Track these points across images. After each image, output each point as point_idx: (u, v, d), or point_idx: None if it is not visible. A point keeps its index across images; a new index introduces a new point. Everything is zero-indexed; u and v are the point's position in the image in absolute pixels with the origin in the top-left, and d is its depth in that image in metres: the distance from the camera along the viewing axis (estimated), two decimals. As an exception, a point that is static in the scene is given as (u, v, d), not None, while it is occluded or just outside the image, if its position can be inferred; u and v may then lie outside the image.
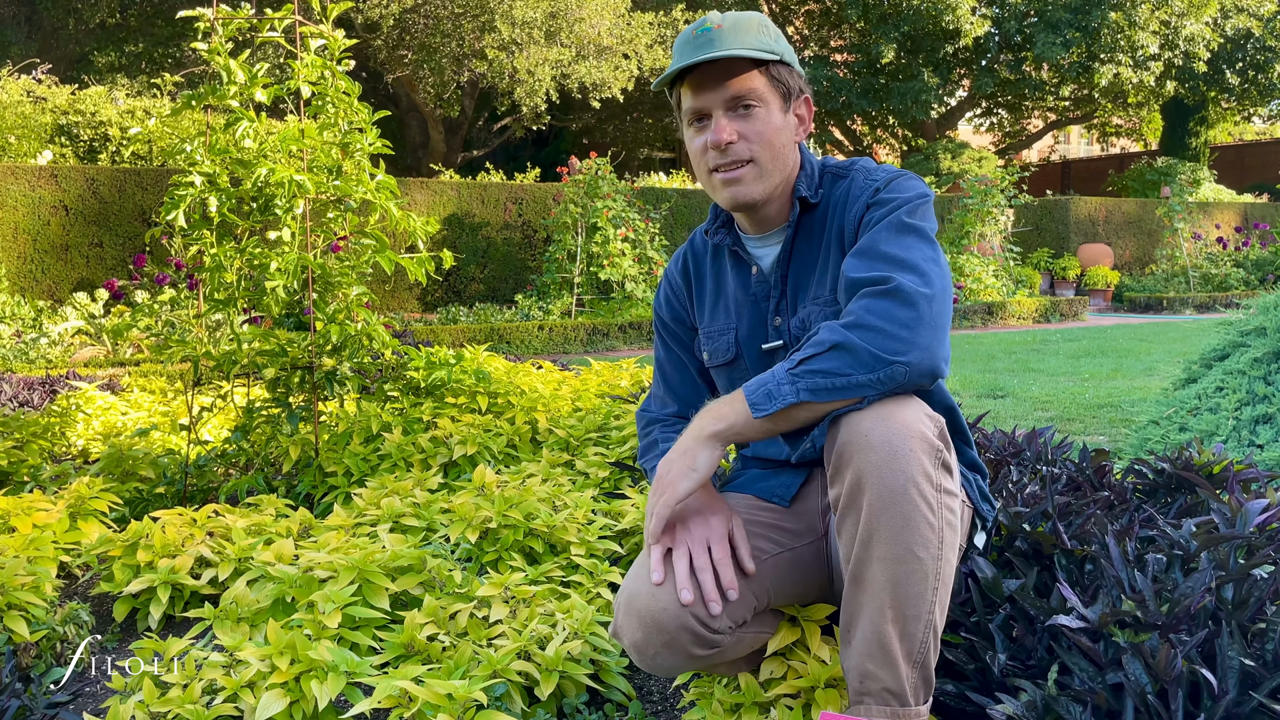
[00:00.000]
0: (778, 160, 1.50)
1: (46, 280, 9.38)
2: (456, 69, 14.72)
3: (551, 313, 9.84)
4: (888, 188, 1.48)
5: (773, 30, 1.51)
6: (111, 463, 2.88)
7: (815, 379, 1.29)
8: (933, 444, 1.31)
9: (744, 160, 1.49)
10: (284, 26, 2.83)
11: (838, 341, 1.29)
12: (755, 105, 1.47)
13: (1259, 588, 1.46)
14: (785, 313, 1.57)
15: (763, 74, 1.47)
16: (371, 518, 2.30)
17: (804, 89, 1.54)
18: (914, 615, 1.30)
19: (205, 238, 2.73)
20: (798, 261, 1.56)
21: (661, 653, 1.38)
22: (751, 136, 1.48)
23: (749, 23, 1.48)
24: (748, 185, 1.50)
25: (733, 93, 1.46)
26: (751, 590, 1.46)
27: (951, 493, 1.34)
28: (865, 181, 1.51)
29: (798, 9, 21.52)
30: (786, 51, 1.51)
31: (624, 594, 1.41)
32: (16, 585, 1.94)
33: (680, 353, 1.75)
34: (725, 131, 1.47)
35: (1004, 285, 12.10)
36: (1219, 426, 2.88)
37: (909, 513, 1.27)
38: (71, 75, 16.66)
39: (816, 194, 1.54)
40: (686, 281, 1.71)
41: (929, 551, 1.29)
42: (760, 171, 1.50)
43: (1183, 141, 22.37)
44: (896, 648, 1.30)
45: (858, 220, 1.48)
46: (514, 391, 3.37)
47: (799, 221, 1.55)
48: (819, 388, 1.28)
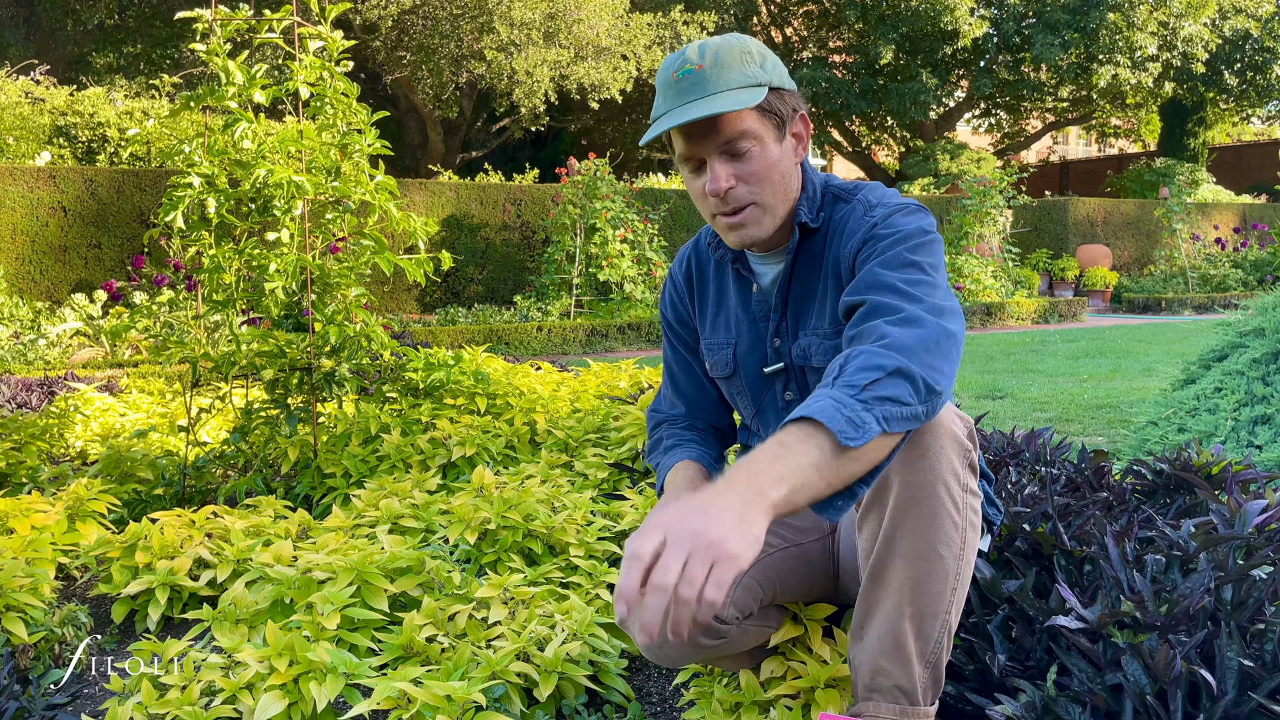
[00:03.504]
0: (780, 194, 1.45)
1: (45, 281, 9.37)
2: (455, 70, 14.72)
3: (550, 314, 9.83)
4: (885, 222, 1.41)
5: (756, 52, 1.42)
6: (110, 464, 2.88)
7: (889, 406, 1.15)
8: (962, 443, 1.31)
9: (745, 204, 1.43)
10: (282, 28, 2.83)
11: (899, 367, 1.17)
12: (750, 145, 1.40)
13: (1258, 588, 1.46)
14: (785, 335, 1.54)
15: (753, 110, 1.40)
16: (370, 519, 2.30)
17: (798, 106, 1.47)
18: (932, 614, 1.30)
19: (204, 239, 2.72)
20: (798, 285, 1.52)
21: (668, 642, 1.37)
22: (750, 178, 1.42)
23: (730, 55, 1.39)
24: (752, 227, 1.45)
25: (724, 138, 1.39)
26: (758, 583, 1.46)
27: (976, 493, 1.33)
28: (864, 215, 1.45)
29: (796, 10, 21.54)
30: (774, 72, 1.43)
31: None
32: (15, 587, 1.94)
33: (686, 355, 1.72)
34: (722, 179, 1.41)
35: (1002, 286, 12.11)
36: (1217, 427, 2.88)
37: (936, 510, 1.27)
38: (70, 76, 16.65)
39: (817, 217, 1.50)
40: (689, 285, 1.68)
41: (951, 551, 1.29)
42: (764, 210, 1.45)
43: (1181, 142, 22.40)
44: (911, 646, 1.30)
45: (853, 256, 1.43)
46: (513, 393, 3.37)
47: (799, 246, 1.51)
48: (893, 416, 1.15)
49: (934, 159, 18.89)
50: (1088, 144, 36.31)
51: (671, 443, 1.67)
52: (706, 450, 1.65)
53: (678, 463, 1.59)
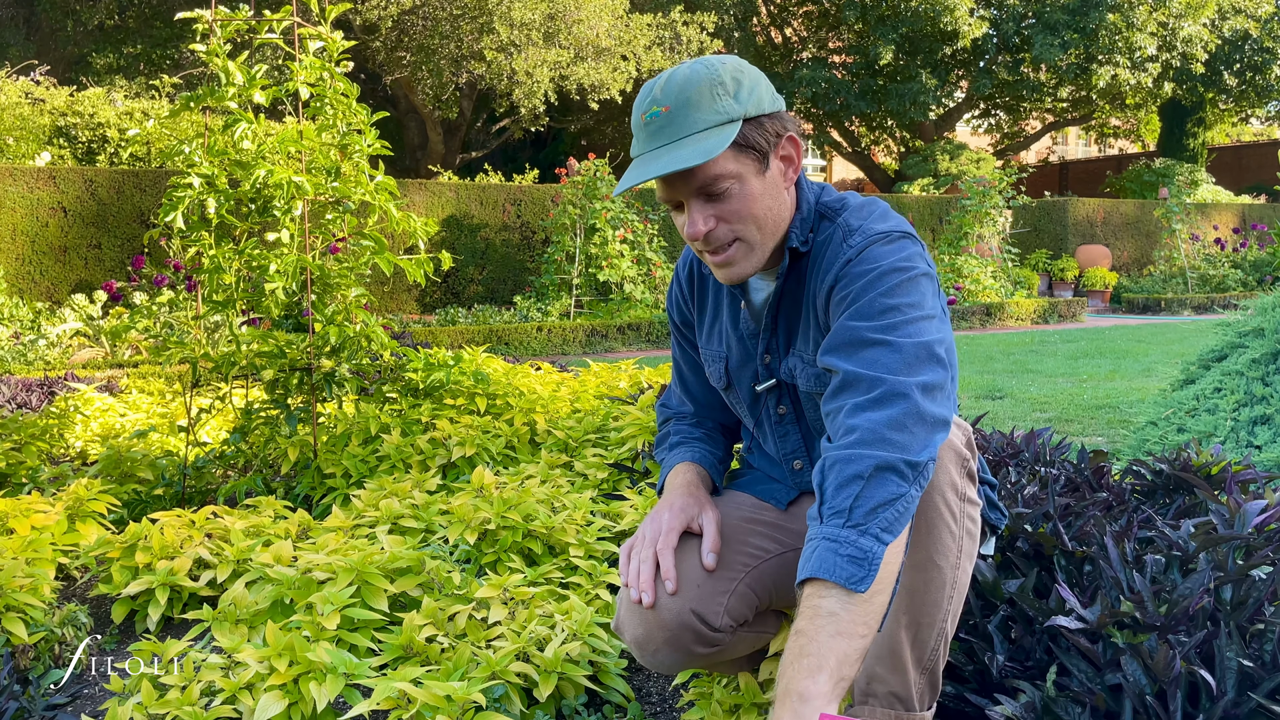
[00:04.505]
0: (767, 226, 1.38)
1: (45, 282, 9.37)
2: (455, 70, 14.72)
3: (550, 314, 9.83)
4: (860, 257, 1.33)
5: (730, 80, 1.32)
6: (110, 464, 2.88)
7: (883, 514, 1.13)
8: (961, 453, 1.30)
9: (729, 241, 1.37)
10: (282, 28, 2.83)
11: (877, 463, 1.15)
12: (728, 184, 1.33)
13: (1257, 588, 1.46)
14: (776, 352, 1.50)
15: (728, 149, 1.31)
16: (370, 519, 2.30)
17: (783, 129, 1.37)
18: (928, 623, 1.30)
19: (204, 239, 2.73)
20: (789, 303, 1.48)
21: (662, 649, 1.37)
22: (730, 217, 1.35)
23: (699, 92, 1.30)
24: (739, 264, 1.39)
25: (698, 183, 1.32)
26: (754, 590, 1.45)
27: (974, 501, 1.33)
28: (842, 243, 1.37)
29: (796, 10, 21.54)
30: (750, 100, 1.33)
31: (626, 591, 1.41)
32: (15, 587, 1.94)
33: (694, 354, 1.68)
34: (700, 223, 1.34)
35: (1002, 286, 12.12)
36: (1217, 427, 2.88)
37: (933, 520, 1.27)
38: (70, 77, 16.65)
39: (808, 241, 1.42)
40: (691, 288, 1.64)
41: (948, 560, 1.29)
42: (749, 246, 1.38)
43: (1180, 143, 22.39)
44: (907, 653, 1.30)
45: (827, 292, 1.37)
46: (512, 393, 3.37)
47: (789, 270, 1.45)
48: (891, 520, 1.14)
49: (933, 159, 18.89)
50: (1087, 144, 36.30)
51: (677, 439, 1.66)
52: (712, 449, 1.63)
53: (678, 464, 1.58)
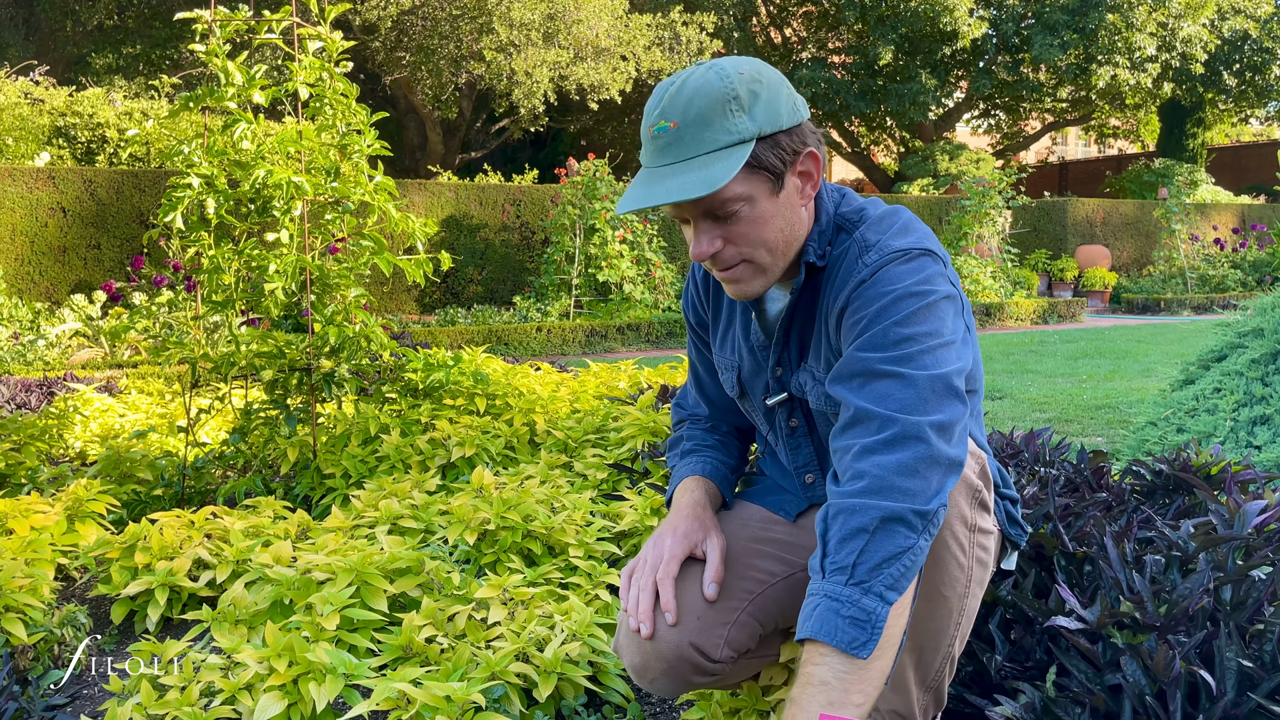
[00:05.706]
0: (778, 248, 1.32)
1: (44, 282, 9.37)
2: (454, 70, 14.72)
3: (550, 314, 9.84)
4: (875, 278, 1.27)
5: (745, 96, 1.25)
6: (109, 465, 2.88)
7: (887, 570, 1.11)
8: (972, 485, 1.29)
9: (736, 262, 1.32)
10: (282, 28, 2.83)
11: (884, 515, 1.12)
12: (738, 206, 1.27)
13: (1257, 589, 1.46)
14: (788, 365, 1.45)
15: (739, 172, 1.25)
16: (370, 519, 2.30)
17: (802, 144, 1.30)
18: (933, 649, 1.30)
19: (203, 239, 2.72)
20: (802, 317, 1.43)
21: (660, 679, 1.35)
22: (738, 239, 1.30)
23: (711, 108, 1.24)
24: (747, 283, 1.34)
25: (705, 206, 1.27)
26: (757, 619, 1.40)
27: (986, 531, 1.32)
28: (858, 259, 1.31)
29: (796, 10, 21.55)
30: (765, 116, 1.26)
31: (626, 617, 1.38)
32: (14, 587, 1.93)
33: (709, 355, 1.62)
34: (705, 244, 1.29)
35: (1001, 287, 12.12)
36: (1216, 428, 2.88)
37: (941, 555, 1.26)
38: (69, 77, 16.64)
39: (824, 255, 1.37)
40: (706, 290, 1.58)
41: (955, 591, 1.28)
42: (758, 267, 1.33)
43: (1180, 143, 22.40)
44: (911, 676, 1.30)
45: (839, 313, 1.32)
46: (512, 393, 3.37)
47: (804, 286, 1.39)
48: (897, 576, 1.11)
49: (933, 159, 18.89)
50: (1087, 144, 36.30)
51: (690, 446, 1.61)
52: (724, 458, 1.59)
53: (687, 478, 1.54)
